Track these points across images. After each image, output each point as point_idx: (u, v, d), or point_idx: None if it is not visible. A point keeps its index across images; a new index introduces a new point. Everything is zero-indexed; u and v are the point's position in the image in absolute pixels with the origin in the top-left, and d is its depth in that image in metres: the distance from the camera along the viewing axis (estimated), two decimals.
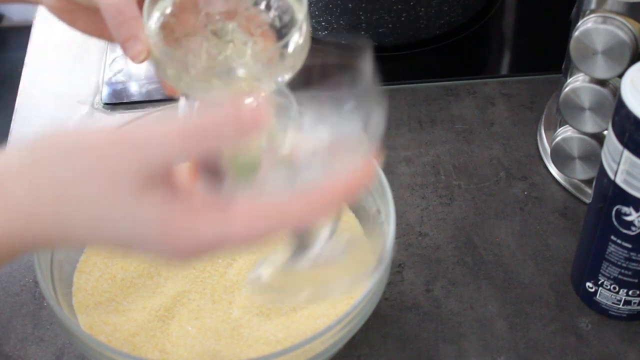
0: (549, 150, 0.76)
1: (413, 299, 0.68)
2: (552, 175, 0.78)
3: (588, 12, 0.66)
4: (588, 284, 0.66)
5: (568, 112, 0.71)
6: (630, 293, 0.64)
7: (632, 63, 0.61)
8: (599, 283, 0.65)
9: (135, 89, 0.88)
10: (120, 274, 0.64)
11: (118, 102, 0.87)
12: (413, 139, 0.82)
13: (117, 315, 0.62)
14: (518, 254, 0.72)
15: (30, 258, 0.65)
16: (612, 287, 0.64)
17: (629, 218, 0.59)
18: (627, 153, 0.56)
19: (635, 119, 0.54)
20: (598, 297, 0.66)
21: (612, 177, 0.59)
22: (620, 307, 0.65)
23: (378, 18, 0.89)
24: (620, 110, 0.56)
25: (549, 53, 0.89)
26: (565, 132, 0.73)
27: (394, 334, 0.66)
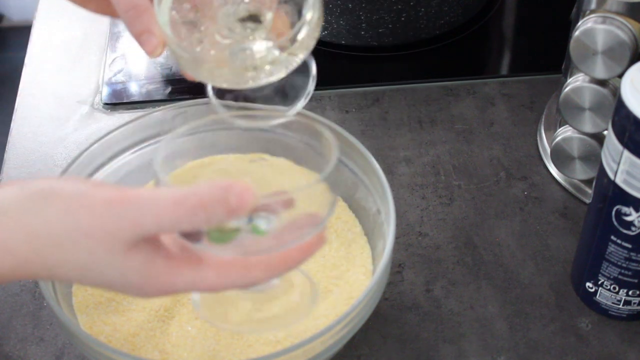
0: (549, 150, 0.76)
1: (413, 299, 0.68)
2: (552, 175, 0.78)
3: (588, 12, 0.66)
4: (588, 284, 0.66)
5: (568, 112, 0.71)
6: (630, 293, 0.64)
7: (632, 63, 0.61)
8: (599, 283, 0.65)
9: (135, 89, 0.88)
10: None
11: (118, 102, 0.87)
12: (413, 139, 0.82)
13: (117, 315, 0.62)
14: (518, 254, 0.72)
15: None
16: (612, 287, 0.64)
17: (629, 218, 0.59)
18: (627, 153, 0.56)
19: (635, 119, 0.54)
20: (598, 297, 0.66)
21: (612, 177, 0.59)
22: (620, 307, 0.65)
23: (378, 18, 0.89)
24: (620, 110, 0.56)
25: (549, 53, 0.89)
26: (565, 132, 0.73)
27: (394, 334, 0.66)
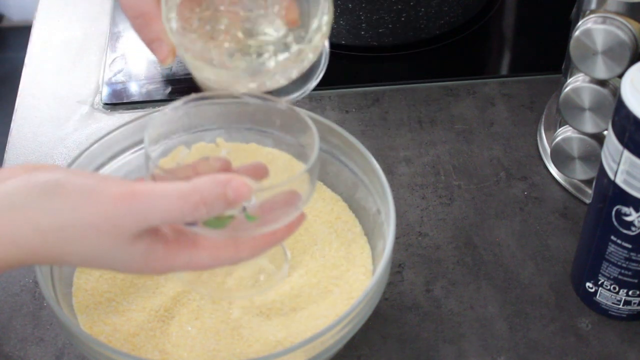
0: (549, 150, 0.76)
1: (413, 299, 0.68)
2: (552, 176, 0.78)
3: (588, 12, 0.66)
4: (588, 284, 0.66)
5: (568, 112, 0.71)
6: (630, 293, 0.64)
7: (632, 63, 0.61)
8: (599, 283, 0.65)
9: (135, 89, 0.88)
10: (120, 274, 0.64)
11: (118, 102, 0.87)
12: (413, 139, 0.82)
13: (117, 315, 0.62)
14: (518, 254, 0.72)
15: None
16: (612, 287, 0.64)
17: (629, 218, 0.59)
18: (627, 153, 0.56)
19: (635, 119, 0.54)
20: (598, 297, 0.66)
21: (612, 177, 0.59)
22: (620, 307, 0.65)
23: (378, 18, 0.89)
24: (620, 110, 0.56)
25: (549, 53, 0.89)
26: (565, 132, 0.73)
27: (394, 334, 0.66)
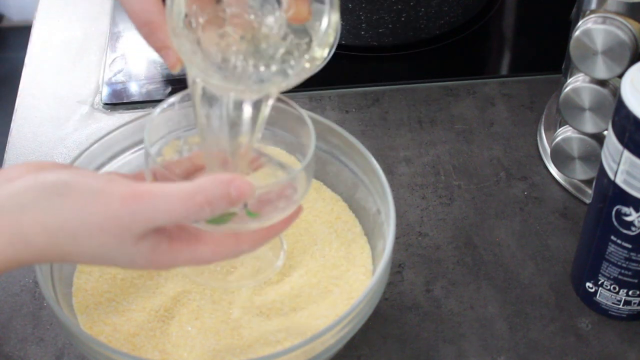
0: (549, 151, 0.76)
1: (413, 299, 0.68)
2: (552, 176, 0.78)
3: (588, 12, 0.66)
4: (588, 284, 0.66)
5: (568, 112, 0.71)
6: (630, 293, 0.64)
7: (632, 63, 0.61)
8: (599, 283, 0.65)
9: (135, 89, 0.88)
10: (120, 274, 0.64)
11: (118, 102, 0.87)
12: (413, 139, 0.82)
13: (117, 316, 0.62)
14: (518, 254, 0.72)
15: None
16: (612, 287, 0.64)
17: (629, 218, 0.59)
18: (627, 153, 0.56)
19: (635, 119, 0.54)
20: (598, 297, 0.66)
21: (612, 177, 0.59)
22: (620, 307, 0.65)
23: (378, 18, 0.89)
24: (620, 110, 0.56)
25: (549, 53, 0.89)
26: (565, 132, 0.73)
27: (394, 334, 0.66)
